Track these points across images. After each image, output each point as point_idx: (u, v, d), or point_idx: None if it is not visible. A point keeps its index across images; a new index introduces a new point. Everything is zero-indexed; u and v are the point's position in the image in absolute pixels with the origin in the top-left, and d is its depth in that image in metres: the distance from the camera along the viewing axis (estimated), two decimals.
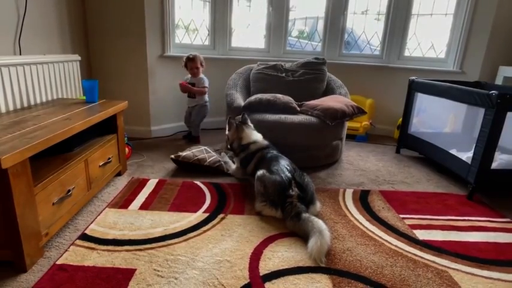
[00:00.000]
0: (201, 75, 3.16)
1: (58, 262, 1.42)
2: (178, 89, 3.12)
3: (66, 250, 1.50)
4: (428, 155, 2.82)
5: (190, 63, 3.07)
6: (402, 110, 3.11)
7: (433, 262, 1.54)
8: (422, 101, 2.94)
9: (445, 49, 3.58)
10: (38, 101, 2.19)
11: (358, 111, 2.68)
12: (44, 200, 1.47)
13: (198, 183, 2.27)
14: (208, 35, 3.56)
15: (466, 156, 2.31)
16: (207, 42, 3.58)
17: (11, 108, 1.96)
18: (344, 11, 3.57)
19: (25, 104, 2.07)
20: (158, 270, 1.39)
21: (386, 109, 3.71)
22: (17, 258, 1.35)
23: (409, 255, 1.58)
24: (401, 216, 1.96)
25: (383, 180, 2.51)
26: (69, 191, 1.65)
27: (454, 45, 3.47)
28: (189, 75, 3.17)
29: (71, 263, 1.42)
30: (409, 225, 1.86)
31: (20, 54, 2.17)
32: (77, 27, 2.89)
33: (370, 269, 1.47)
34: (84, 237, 1.61)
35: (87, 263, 1.42)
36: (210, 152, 2.55)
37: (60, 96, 2.42)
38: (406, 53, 3.66)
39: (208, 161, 2.44)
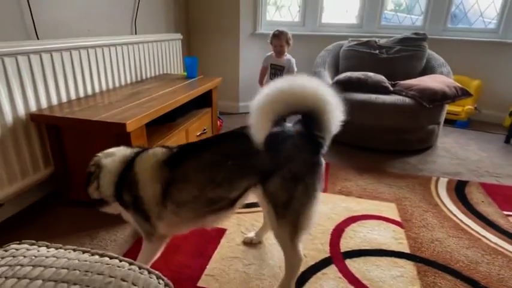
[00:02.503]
0: (289, 56, 2.75)
1: None
2: None
3: None
4: None
5: (275, 41, 2.67)
6: None
7: None
8: None
9: None
10: (148, 75, 2.50)
11: (462, 93, 2.41)
12: None
13: None
14: (299, 11, 3.52)
15: None
16: (297, 19, 3.55)
17: (129, 81, 2.28)
18: None
19: (138, 78, 2.39)
20: (245, 233, 1.53)
21: (497, 92, 3.23)
22: None
23: (511, 255, 1.43)
24: (505, 212, 1.76)
25: (485, 171, 2.25)
26: None
27: None
28: (272, 53, 2.76)
29: None
30: None
31: (136, 33, 2.48)
32: (179, 7, 3.15)
33: (462, 263, 1.38)
34: None
35: None
36: None
37: (165, 72, 2.71)
38: None
39: None
